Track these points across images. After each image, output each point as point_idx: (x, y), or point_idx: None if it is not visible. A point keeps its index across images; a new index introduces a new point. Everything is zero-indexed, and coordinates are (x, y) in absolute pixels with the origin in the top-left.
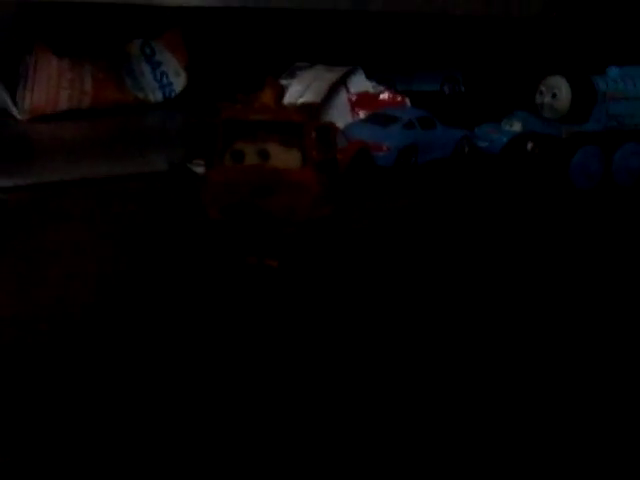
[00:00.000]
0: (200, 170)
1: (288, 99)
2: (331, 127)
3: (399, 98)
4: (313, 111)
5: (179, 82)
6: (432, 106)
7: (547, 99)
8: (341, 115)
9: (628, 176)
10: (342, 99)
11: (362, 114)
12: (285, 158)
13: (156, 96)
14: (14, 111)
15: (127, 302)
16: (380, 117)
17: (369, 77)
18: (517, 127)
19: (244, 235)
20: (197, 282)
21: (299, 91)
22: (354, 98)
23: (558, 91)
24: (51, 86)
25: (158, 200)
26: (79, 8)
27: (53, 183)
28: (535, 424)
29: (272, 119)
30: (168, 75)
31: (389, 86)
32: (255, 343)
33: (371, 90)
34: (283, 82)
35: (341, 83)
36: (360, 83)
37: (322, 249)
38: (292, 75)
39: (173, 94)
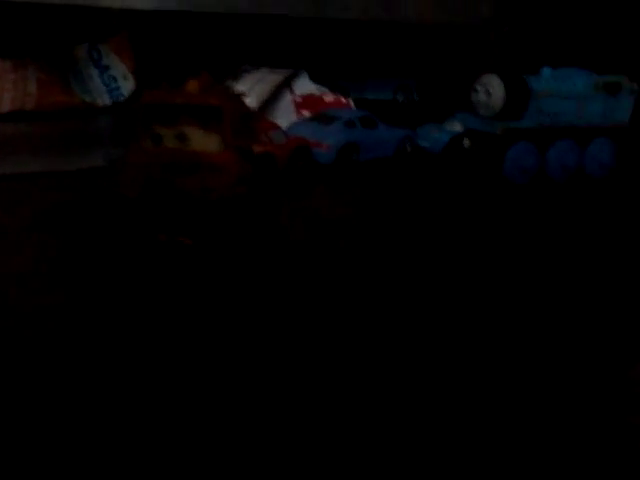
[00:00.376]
0: (111, 156)
1: None
2: (251, 113)
3: (343, 100)
4: (233, 97)
5: (127, 86)
6: (385, 114)
7: (482, 97)
8: (286, 116)
9: (562, 172)
10: (287, 100)
11: (306, 115)
12: (204, 141)
13: (104, 100)
14: None
15: (48, 276)
16: (322, 116)
17: (323, 84)
18: (458, 127)
19: (159, 214)
20: (112, 258)
21: (243, 91)
22: (299, 99)
23: (492, 89)
24: None
25: (87, 191)
26: (24, 9)
27: None
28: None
29: (191, 103)
30: (116, 79)
31: (343, 94)
32: (167, 318)
33: (315, 92)
34: (228, 84)
35: (286, 85)
36: (305, 85)
37: (235, 228)
38: (237, 77)
39: (122, 98)
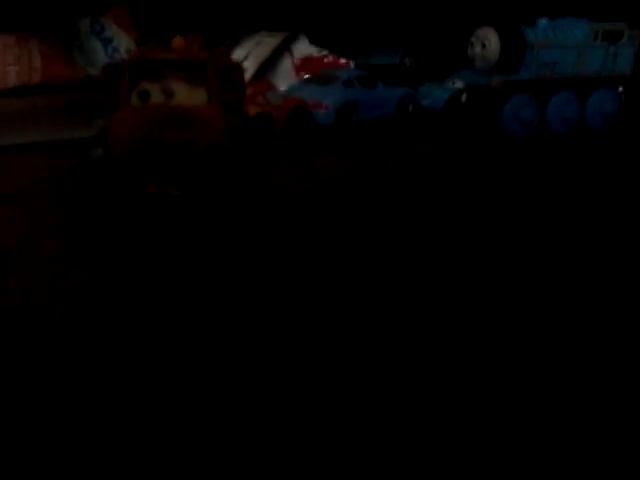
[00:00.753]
0: (97, 154)
1: None
2: (237, 67)
3: (343, 61)
4: (219, 53)
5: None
6: (393, 77)
7: (478, 50)
8: (286, 78)
9: (563, 124)
10: (287, 63)
11: (306, 77)
12: (190, 96)
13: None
14: None
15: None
16: (320, 77)
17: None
18: (459, 84)
19: (148, 168)
20: (101, 212)
21: (240, 56)
22: (298, 62)
23: (487, 42)
24: None
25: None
26: None
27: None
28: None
29: (176, 58)
30: (120, 50)
31: (349, 58)
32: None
33: (315, 54)
34: (227, 47)
35: (285, 49)
36: (304, 48)
37: (222, 179)
38: (235, 41)
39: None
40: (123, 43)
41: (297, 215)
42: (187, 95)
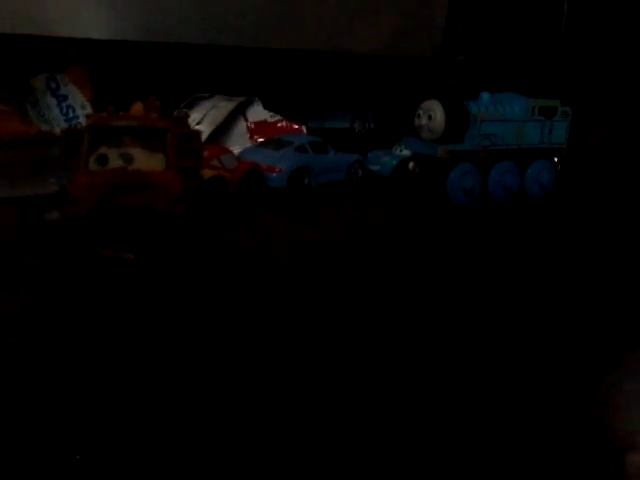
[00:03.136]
0: (54, 217)
1: None
2: (195, 134)
3: (296, 126)
4: (178, 119)
5: (86, 114)
6: (342, 142)
7: (424, 121)
8: (240, 141)
9: (503, 192)
10: (241, 127)
11: (260, 141)
12: (149, 161)
13: (63, 128)
14: None
15: None
16: (274, 142)
17: (281, 113)
18: (406, 152)
19: (104, 231)
20: (54, 273)
21: (196, 119)
22: (252, 126)
23: (433, 113)
24: None
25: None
26: None
27: None
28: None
29: (135, 125)
30: (74, 108)
31: (302, 124)
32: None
33: (269, 119)
34: (183, 111)
35: (240, 112)
36: (258, 112)
37: (177, 245)
38: (191, 104)
39: (80, 126)
40: (78, 101)
41: (252, 273)
42: (146, 160)
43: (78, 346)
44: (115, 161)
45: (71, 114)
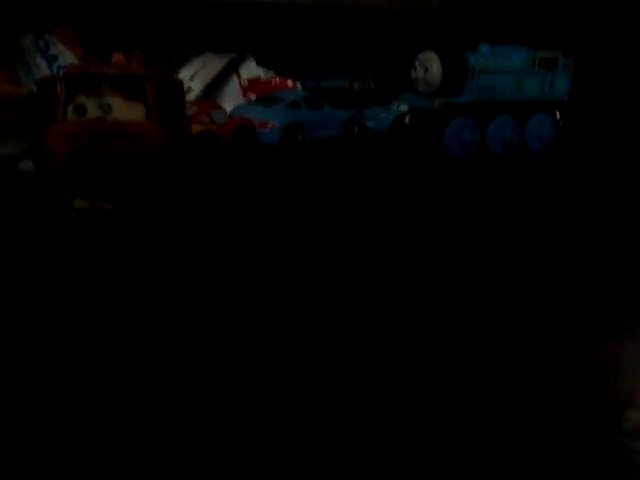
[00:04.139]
0: (27, 167)
1: None
2: (177, 82)
3: (290, 83)
4: (158, 69)
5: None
6: (341, 101)
7: (420, 73)
8: (233, 99)
9: (503, 146)
10: (234, 84)
11: (253, 98)
12: (128, 111)
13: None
14: None
15: None
16: (267, 98)
17: (280, 72)
18: (403, 107)
19: (80, 181)
20: (32, 227)
21: (187, 76)
22: (245, 83)
23: (430, 65)
24: None
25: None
26: None
27: None
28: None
29: (114, 73)
30: (65, 68)
31: (298, 80)
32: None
33: (262, 76)
34: (174, 68)
35: (233, 70)
36: (251, 69)
37: (155, 195)
38: (181, 61)
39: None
40: (69, 61)
41: (236, 228)
42: (125, 110)
43: (52, 306)
44: (94, 111)
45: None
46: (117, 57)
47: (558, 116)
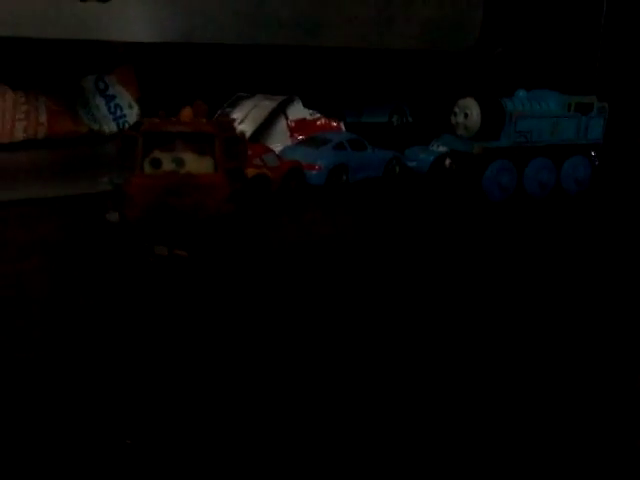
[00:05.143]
0: (114, 218)
1: None
2: (241, 138)
3: (334, 123)
4: (224, 124)
5: (132, 114)
6: (382, 136)
7: (460, 119)
8: (281, 140)
9: (539, 188)
10: (281, 125)
11: (300, 138)
12: (198, 165)
13: (110, 127)
14: None
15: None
16: (313, 140)
17: (320, 110)
18: (443, 148)
19: (158, 231)
20: (114, 272)
21: (239, 118)
22: (292, 124)
23: (469, 111)
24: (6, 118)
25: (92, 214)
26: (34, 44)
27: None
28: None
29: (186, 130)
30: (122, 108)
31: (338, 119)
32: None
33: (308, 117)
34: (226, 110)
35: (280, 111)
36: (298, 111)
37: (227, 242)
38: (234, 104)
39: (127, 125)
40: (125, 100)
41: (296, 270)
42: (195, 163)
43: (132, 342)
44: (168, 164)
45: (119, 113)
46: (186, 112)
47: (594, 157)
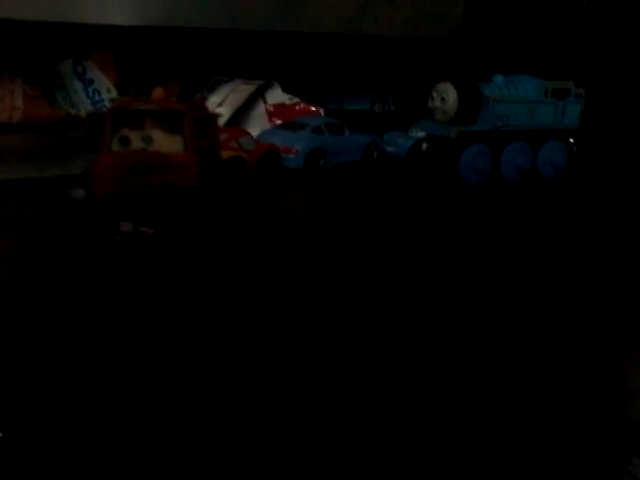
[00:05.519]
0: (79, 194)
1: None
2: (212, 117)
3: (313, 108)
4: (195, 103)
5: (110, 98)
6: (361, 123)
7: (437, 103)
8: (259, 124)
9: (516, 172)
10: (260, 110)
11: (278, 123)
12: (168, 143)
13: (89, 112)
14: None
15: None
16: (291, 124)
17: (301, 96)
18: (421, 133)
19: (125, 208)
20: (79, 249)
21: (216, 102)
22: (271, 109)
23: (446, 95)
24: None
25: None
26: (11, 26)
27: None
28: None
29: (155, 108)
30: (100, 92)
31: (320, 106)
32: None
33: (287, 102)
34: (204, 94)
35: (259, 96)
36: (277, 95)
37: (194, 220)
38: (211, 88)
39: (105, 109)
40: (104, 85)
41: (268, 250)
42: (165, 142)
43: (97, 317)
44: (137, 143)
45: (97, 97)
46: (157, 92)
47: (572, 143)
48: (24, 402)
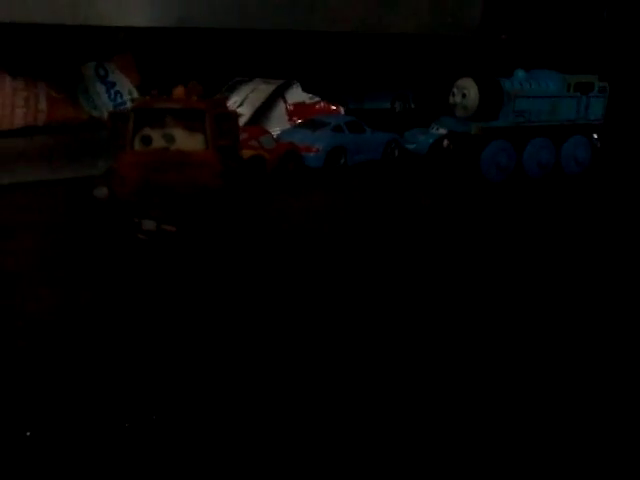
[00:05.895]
0: (102, 193)
1: None
2: (232, 115)
3: (333, 107)
4: (216, 102)
5: (132, 100)
6: (382, 122)
7: (458, 99)
8: (280, 123)
9: (538, 169)
10: (280, 109)
11: (298, 122)
12: (189, 141)
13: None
14: None
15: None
16: (311, 123)
17: (322, 95)
18: (442, 130)
19: (147, 206)
20: (103, 247)
21: (237, 102)
22: (291, 108)
23: (467, 91)
24: (6, 105)
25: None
26: (35, 30)
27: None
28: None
29: (176, 107)
30: (122, 94)
31: (341, 105)
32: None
33: (307, 101)
34: (224, 94)
35: (279, 95)
36: (297, 95)
37: (216, 218)
38: (231, 88)
39: (125, 109)
40: (125, 87)
41: (288, 248)
42: (186, 140)
43: (119, 314)
44: (158, 141)
45: (119, 100)
46: (178, 91)
47: (596, 138)
48: (49, 400)
